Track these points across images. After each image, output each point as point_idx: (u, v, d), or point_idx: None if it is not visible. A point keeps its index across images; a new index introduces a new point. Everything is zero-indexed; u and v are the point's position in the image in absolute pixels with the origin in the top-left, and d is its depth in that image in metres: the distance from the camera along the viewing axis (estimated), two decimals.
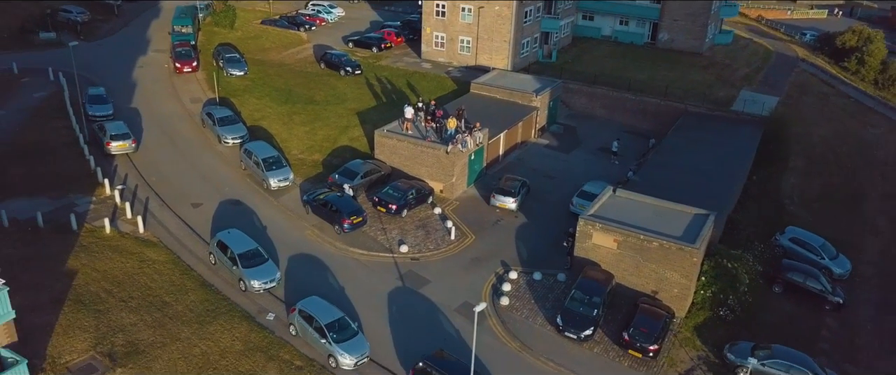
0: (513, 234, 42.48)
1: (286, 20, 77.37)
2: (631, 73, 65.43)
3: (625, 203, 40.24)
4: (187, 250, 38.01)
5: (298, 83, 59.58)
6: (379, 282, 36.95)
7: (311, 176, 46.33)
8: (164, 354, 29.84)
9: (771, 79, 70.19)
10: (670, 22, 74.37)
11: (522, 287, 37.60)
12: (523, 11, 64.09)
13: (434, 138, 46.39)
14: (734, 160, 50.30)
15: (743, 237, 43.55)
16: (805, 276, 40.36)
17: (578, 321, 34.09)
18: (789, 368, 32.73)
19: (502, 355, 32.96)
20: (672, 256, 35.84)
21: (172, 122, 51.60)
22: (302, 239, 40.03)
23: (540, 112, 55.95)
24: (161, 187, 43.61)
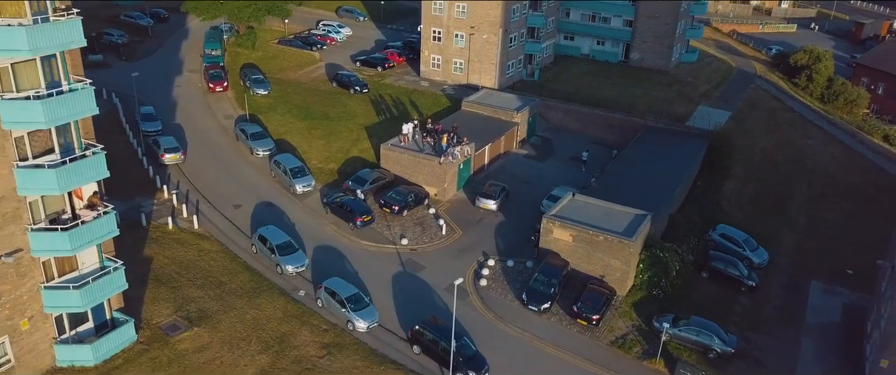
0: (493, 230, 52.86)
1: (300, 40, 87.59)
2: (603, 91, 75.87)
3: (581, 205, 50.63)
4: (233, 242, 48.43)
5: (315, 101, 69.96)
6: (384, 267, 47.36)
7: (328, 182, 56.78)
8: (225, 318, 40.23)
9: (727, 94, 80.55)
10: (641, 43, 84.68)
11: (498, 271, 47.99)
12: (508, 38, 74.43)
13: (430, 151, 56.77)
14: (682, 169, 60.54)
15: (682, 232, 53.92)
16: (726, 264, 50.73)
17: (539, 297, 44.48)
18: (698, 333, 43.08)
19: (480, 323, 43.28)
20: (614, 248, 46.22)
21: (211, 136, 62.02)
22: (323, 234, 50.43)
23: (520, 127, 66.29)
24: (207, 191, 54.03)
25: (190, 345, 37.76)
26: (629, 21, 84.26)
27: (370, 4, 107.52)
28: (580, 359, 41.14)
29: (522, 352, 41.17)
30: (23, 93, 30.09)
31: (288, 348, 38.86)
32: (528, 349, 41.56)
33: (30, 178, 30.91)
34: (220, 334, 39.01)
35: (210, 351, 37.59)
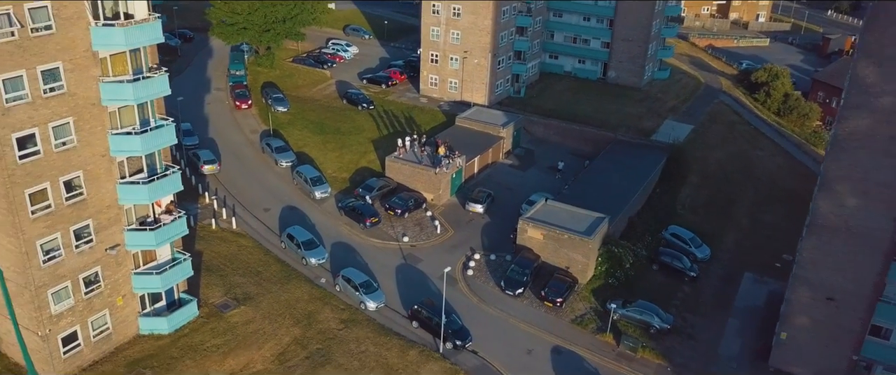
0: (479, 230, 63.87)
1: (313, 59, 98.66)
2: (581, 106, 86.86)
3: (552, 209, 61.65)
4: (265, 239, 59.48)
5: (328, 117, 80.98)
6: (389, 260, 58.39)
7: (341, 189, 67.84)
8: (264, 299, 51.27)
9: (693, 109, 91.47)
10: (617, 62, 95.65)
11: (482, 263, 59.01)
12: (497, 60, 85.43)
13: (427, 162, 67.80)
14: (642, 177, 71.47)
15: (638, 232, 65.00)
16: (672, 258, 61.69)
17: (515, 284, 55.51)
18: (641, 312, 54.08)
19: (467, 305, 54.25)
20: (577, 244, 57.24)
21: (241, 149, 73.08)
22: (338, 233, 61.46)
23: (505, 140, 77.26)
24: (241, 197, 65.09)
25: (239, 319, 48.86)
26: (606, 43, 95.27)
27: (374, 22, 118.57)
28: (546, 333, 52.14)
29: (500, 327, 52.20)
30: (124, 129, 41.10)
31: (314, 322, 49.91)
32: (505, 325, 52.59)
33: (127, 192, 41.97)
34: (261, 311, 50.07)
35: (255, 324, 48.67)
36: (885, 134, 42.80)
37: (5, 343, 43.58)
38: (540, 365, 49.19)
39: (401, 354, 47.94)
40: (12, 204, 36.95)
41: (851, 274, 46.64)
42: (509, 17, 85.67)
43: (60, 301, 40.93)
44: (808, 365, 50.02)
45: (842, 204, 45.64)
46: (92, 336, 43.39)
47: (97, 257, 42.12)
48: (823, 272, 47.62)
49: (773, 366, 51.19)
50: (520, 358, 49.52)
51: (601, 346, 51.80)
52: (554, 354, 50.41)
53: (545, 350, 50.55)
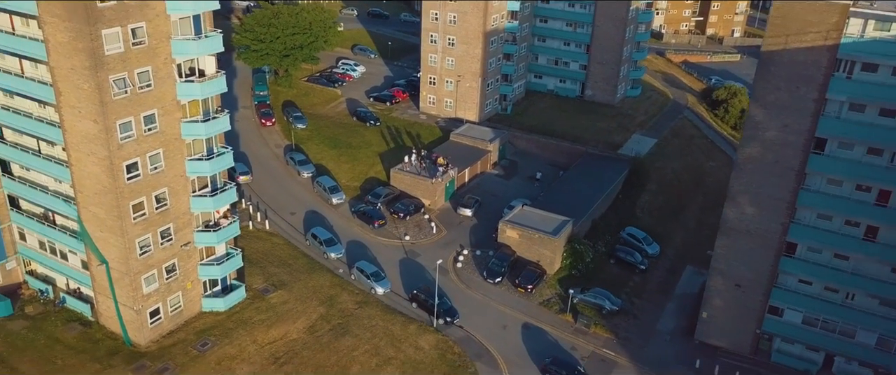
0: (468, 230, 78.10)
1: (325, 78, 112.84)
2: (560, 123, 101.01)
3: (528, 213, 75.89)
4: (293, 237, 73.76)
5: (340, 133, 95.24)
6: (394, 255, 72.64)
7: (354, 196, 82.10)
8: (296, 286, 65.56)
9: (659, 124, 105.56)
10: (593, 82, 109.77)
11: (469, 258, 73.24)
12: (486, 83, 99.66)
13: (425, 173, 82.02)
14: (606, 186, 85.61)
15: (600, 232, 79.21)
16: (626, 254, 75.91)
17: (494, 274, 69.77)
18: (596, 297, 68.27)
19: (457, 291, 68.48)
20: (545, 242, 71.47)
21: (267, 161, 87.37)
22: (352, 232, 75.72)
23: (492, 153, 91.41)
24: (271, 202, 79.38)
25: (277, 300, 63.21)
26: (584, 65, 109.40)
27: (379, 41, 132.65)
28: (518, 313, 66.37)
29: (482, 308, 66.46)
30: (196, 156, 55.33)
31: (335, 303, 64.22)
32: (486, 306, 66.85)
33: (197, 203, 56.25)
34: (293, 294, 64.40)
35: (289, 304, 63.01)
36: (770, 159, 56.96)
37: (104, 317, 57.92)
38: (512, 338, 63.46)
39: (403, 328, 62.25)
40: (120, 213, 51.26)
41: (753, 266, 60.83)
42: (497, 46, 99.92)
43: (149, 284, 55.30)
44: (723, 338, 64.24)
45: (743, 212, 59.82)
46: (169, 312, 57.79)
47: (175, 252, 56.47)
48: (732, 265, 61.81)
49: (697, 339, 65.37)
50: (497, 332, 63.79)
51: (562, 323, 66.03)
52: (524, 329, 64.68)
53: (517, 326, 64.82)
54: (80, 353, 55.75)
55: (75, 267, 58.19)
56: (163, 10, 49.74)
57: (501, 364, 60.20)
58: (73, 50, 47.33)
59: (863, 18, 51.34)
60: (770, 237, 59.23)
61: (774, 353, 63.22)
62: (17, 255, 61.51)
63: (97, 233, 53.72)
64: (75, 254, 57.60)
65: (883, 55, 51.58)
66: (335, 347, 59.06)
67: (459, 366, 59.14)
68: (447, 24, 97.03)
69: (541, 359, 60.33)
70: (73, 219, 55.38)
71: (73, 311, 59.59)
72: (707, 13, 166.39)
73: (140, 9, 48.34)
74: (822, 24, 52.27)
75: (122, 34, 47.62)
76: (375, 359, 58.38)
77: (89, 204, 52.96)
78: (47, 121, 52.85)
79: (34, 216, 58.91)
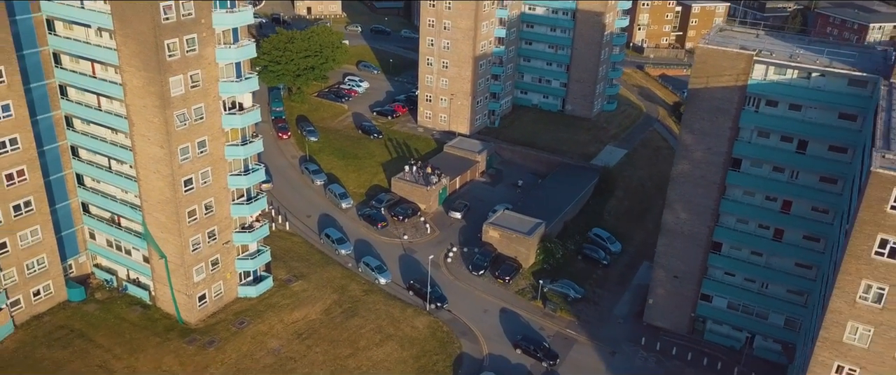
0: (457, 231, 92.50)
1: (333, 94, 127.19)
2: (541, 135, 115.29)
3: (508, 216, 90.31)
4: (309, 237, 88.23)
5: (347, 145, 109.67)
6: (394, 251, 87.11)
7: (360, 201, 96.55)
8: (313, 277, 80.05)
9: (630, 136, 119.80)
10: (572, 98, 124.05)
11: (458, 254, 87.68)
12: (476, 100, 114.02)
13: (422, 181, 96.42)
14: (577, 192, 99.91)
15: (570, 232, 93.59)
16: (592, 251, 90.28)
17: (478, 267, 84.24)
18: (563, 286, 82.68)
19: (447, 282, 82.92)
20: (521, 241, 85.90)
21: (285, 171, 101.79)
22: (359, 233, 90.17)
23: (480, 163, 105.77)
24: (289, 207, 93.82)
25: (298, 288, 77.68)
26: (564, 83, 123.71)
27: (381, 57, 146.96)
28: (497, 300, 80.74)
29: (467, 295, 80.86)
30: (236, 172, 69.74)
31: (345, 291, 78.65)
32: (470, 294, 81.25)
33: (237, 209, 70.71)
34: (311, 284, 78.86)
35: (308, 291, 77.47)
36: (698, 174, 71.24)
37: (160, 301, 72.42)
38: (491, 320, 77.84)
39: (401, 311, 76.68)
40: (179, 218, 65.74)
41: (687, 261, 75.11)
42: (486, 68, 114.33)
43: (199, 274, 69.80)
44: (665, 320, 78.55)
45: (678, 217, 74.11)
46: (213, 296, 72.29)
47: (218, 248, 70.97)
48: (671, 260, 76.10)
49: (645, 321, 79.68)
50: (478, 315, 78.16)
51: (533, 309, 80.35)
52: (501, 313, 79.06)
53: (496, 310, 79.21)
54: (142, 329, 70.29)
55: (137, 260, 72.72)
56: (213, 58, 64.11)
57: (482, 340, 74.61)
58: (146, 92, 61.78)
59: (765, 65, 65.58)
60: (700, 237, 73.50)
61: (707, 333, 77.52)
62: (87, 251, 76.00)
63: (159, 234, 68.25)
64: (137, 250, 72.11)
65: (781, 94, 65.78)
66: (346, 326, 73.51)
67: (447, 342, 73.53)
68: (442, 50, 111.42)
69: (514, 337, 74.71)
70: (137, 222, 69.90)
71: (134, 296, 74.11)
72: (686, 28, 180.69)
73: (197, 59, 62.75)
74: (733, 69, 66.49)
75: (183, 80, 62.04)
76: (379, 336, 72.81)
77: (153, 210, 67.48)
78: (119, 145, 67.31)
79: (103, 219, 73.42)
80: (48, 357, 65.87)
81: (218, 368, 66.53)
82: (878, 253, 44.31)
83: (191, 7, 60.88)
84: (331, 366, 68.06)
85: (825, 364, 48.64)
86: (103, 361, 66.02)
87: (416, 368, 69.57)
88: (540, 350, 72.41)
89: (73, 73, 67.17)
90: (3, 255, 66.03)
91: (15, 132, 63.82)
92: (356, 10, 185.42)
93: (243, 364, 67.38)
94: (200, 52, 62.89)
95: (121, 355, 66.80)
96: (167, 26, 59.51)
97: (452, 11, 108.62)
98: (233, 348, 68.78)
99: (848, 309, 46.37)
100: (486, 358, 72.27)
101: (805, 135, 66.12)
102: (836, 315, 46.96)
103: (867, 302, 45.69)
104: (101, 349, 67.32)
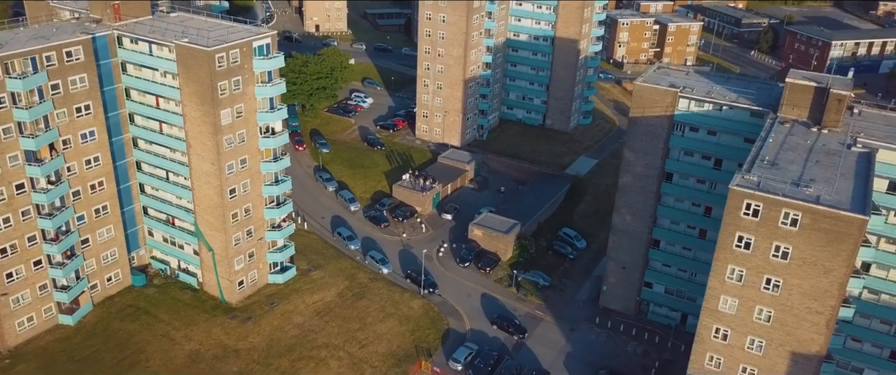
0: (448, 230, 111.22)
1: (341, 109, 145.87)
2: (523, 147, 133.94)
3: (491, 217, 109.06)
4: (324, 235, 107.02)
5: (355, 155, 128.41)
6: (395, 247, 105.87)
7: (366, 205, 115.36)
8: (328, 267, 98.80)
9: (602, 148, 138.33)
10: (552, 114, 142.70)
11: (448, 249, 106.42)
12: (466, 117, 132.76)
13: (419, 187, 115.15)
14: (550, 197, 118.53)
15: (543, 231, 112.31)
16: (561, 247, 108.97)
17: (464, 260, 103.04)
18: (534, 276, 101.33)
19: (438, 272, 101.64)
20: (500, 238, 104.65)
21: (302, 179, 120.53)
22: (365, 231, 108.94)
23: (469, 171, 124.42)
24: (306, 209, 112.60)
25: (316, 277, 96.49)
26: (545, 101, 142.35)
27: (384, 74, 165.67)
28: (479, 287, 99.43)
29: (454, 283, 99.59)
30: (269, 183, 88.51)
31: (355, 279, 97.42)
32: (457, 282, 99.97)
33: (269, 212, 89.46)
34: (327, 273, 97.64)
35: (325, 279, 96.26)
36: (639, 185, 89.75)
37: (206, 285, 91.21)
38: (473, 302, 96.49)
39: (400, 295, 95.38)
40: (225, 219, 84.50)
41: (632, 255, 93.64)
42: (475, 89, 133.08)
43: (239, 264, 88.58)
44: (617, 303, 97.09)
45: (625, 219, 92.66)
46: (249, 282, 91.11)
47: (253, 244, 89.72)
48: (620, 253, 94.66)
49: (601, 305, 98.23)
50: (464, 299, 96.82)
51: (509, 294, 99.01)
52: (482, 297, 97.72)
53: (477, 295, 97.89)
54: (194, 308, 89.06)
55: (188, 253, 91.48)
56: (253, 95, 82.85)
57: (465, 318, 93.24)
58: (202, 122, 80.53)
59: (687, 99, 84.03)
60: (642, 236, 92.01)
61: (650, 313, 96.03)
62: (146, 246, 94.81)
63: (208, 232, 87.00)
64: (188, 245, 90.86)
65: (700, 122, 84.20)
66: (355, 306, 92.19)
67: (437, 320, 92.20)
68: (437, 73, 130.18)
69: (491, 316, 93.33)
70: (188, 222, 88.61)
71: (185, 282, 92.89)
72: (663, 44, 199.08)
73: (241, 96, 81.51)
74: (663, 102, 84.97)
75: (231, 112, 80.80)
76: (382, 314, 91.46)
77: (204, 213, 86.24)
78: (177, 161, 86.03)
79: (159, 220, 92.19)
80: (122, 329, 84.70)
81: (255, 338, 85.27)
82: (737, 246, 62.79)
83: (237, 55, 79.61)
84: (344, 337, 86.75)
85: (708, 327, 67.11)
86: (166, 332, 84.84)
87: (411, 340, 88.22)
88: (512, 326, 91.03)
89: (140, 105, 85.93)
90: (86, 248, 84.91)
91: (97, 151, 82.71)
92: (361, 28, 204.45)
93: (275, 335, 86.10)
94: (243, 90, 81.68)
95: (179, 327, 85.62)
96: (220, 71, 78.27)
97: (445, 41, 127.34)
98: (266, 322, 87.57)
99: (720, 286, 64.83)
100: (468, 333, 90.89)
101: (720, 155, 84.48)
102: (713, 291, 65.47)
103: (733, 281, 64.17)
104: (162, 322, 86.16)
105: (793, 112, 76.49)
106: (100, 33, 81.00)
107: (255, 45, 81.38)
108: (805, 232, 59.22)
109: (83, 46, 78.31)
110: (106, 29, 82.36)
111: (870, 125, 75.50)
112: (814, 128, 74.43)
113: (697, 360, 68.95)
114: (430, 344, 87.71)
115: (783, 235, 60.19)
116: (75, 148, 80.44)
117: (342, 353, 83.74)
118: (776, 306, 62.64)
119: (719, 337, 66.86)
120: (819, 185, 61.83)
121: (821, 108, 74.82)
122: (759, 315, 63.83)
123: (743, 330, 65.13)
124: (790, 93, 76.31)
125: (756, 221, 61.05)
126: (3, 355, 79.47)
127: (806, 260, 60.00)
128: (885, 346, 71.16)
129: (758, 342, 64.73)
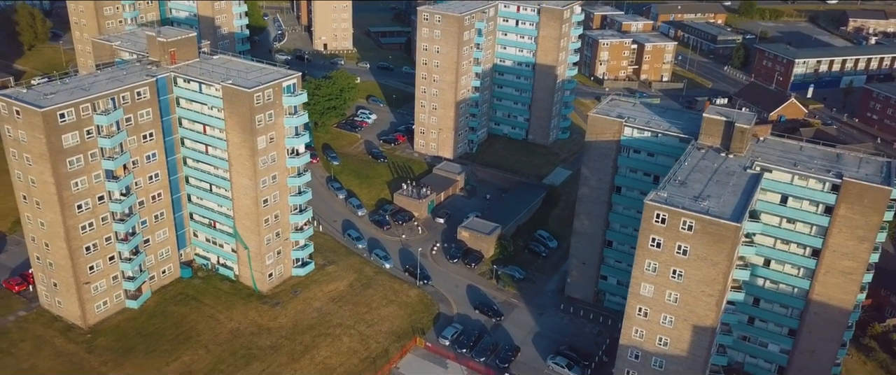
0: (441, 232, 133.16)
1: (349, 124, 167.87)
2: (508, 159, 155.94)
3: (476, 221, 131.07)
4: (336, 236, 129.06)
5: (361, 167, 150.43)
6: (395, 246, 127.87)
7: (371, 210, 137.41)
8: (340, 263, 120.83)
9: (577, 159, 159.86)
10: (533, 129, 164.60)
11: (440, 248, 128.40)
12: (458, 133, 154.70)
13: (416, 196, 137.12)
14: (528, 203, 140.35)
15: (521, 233, 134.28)
16: (535, 246, 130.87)
17: (453, 257, 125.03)
18: (512, 270, 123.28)
19: (431, 266, 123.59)
20: (484, 239, 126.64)
21: (316, 188, 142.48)
22: (370, 233, 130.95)
23: (460, 181, 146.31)
24: (321, 215, 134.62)
25: (331, 270, 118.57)
26: (527, 118, 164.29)
27: (386, 92, 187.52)
28: (465, 279, 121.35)
29: (444, 276, 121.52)
30: (294, 194, 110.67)
31: (362, 272, 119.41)
32: (447, 275, 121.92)
33: (293, 217, 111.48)
34: (339, 267, 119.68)
35: (337, 273, 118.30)
36: (594, 196, 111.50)
37: (242, 277, 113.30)
38: (461, 292, 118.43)
39: (400, 285, 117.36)
40: (259, 223, 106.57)
41: (591, 253, 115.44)
42: (465, 109, 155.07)
43: (269, 260, 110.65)
44: (579, 293, 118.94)
45: (583, 223, 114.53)
46: (277, 275, 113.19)
47: (281, 242, 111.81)
48: (581, 252, 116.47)
49: (566, 294, 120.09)
50: (452, 289, 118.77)
51: (490, 285, 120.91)
52: (468, 287, 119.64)
53: (464, 286, 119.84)
54: (232, 295, 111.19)
55: (227, 251, 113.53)
56: (282, 124, 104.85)
57: (453, 304, 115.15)
58: (242, 146, 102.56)
59: (631, 128, 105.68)
60: (597, 237, 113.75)
61: (606, 301, 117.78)
62: (192, 245, 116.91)
63: (244, 233, 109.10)
64: (227, 244, 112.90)
65: (641, 146, 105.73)
66: (363, 294, 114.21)
67: (430, 305, 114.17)
68: (432, 96, 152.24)
69: (474, 302, 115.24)
70: (228, 226, 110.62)
71: (224, 275, 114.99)
72: (641, 62, 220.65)
73: (273, 125, 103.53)
74: (612, 129, 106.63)
75: (266, 138, 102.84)
76: (385, 301, 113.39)
77: (241, 218, 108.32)
78: (220, 176, 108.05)
79: (203, 224, 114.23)
80: (176, 311, 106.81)
81: (283, 319, 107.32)
82: (652, 245, 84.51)
83: (271, 94, 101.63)
84: (354, 319, 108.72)
85: (633, 307, 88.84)
86: (211, 314, 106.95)
87: (409, 321, 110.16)
88: (491, 310, 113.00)
89: (190, 131, 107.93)
90: (147, 247, 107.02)
91: (158, 169, 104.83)
92: (365, 46, 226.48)
93: (298, 317, 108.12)
94: (275, 121, 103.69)
95: (221, 310, 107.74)
96: (257, 107, 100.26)
97: (439, 68, 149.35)
98: (291, 307, 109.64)
99: (641, 275, 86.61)
100: (455, 316, 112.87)
101: (657, 172, 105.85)
102: (635, 280, 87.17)
103: (649, 272, 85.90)
104: (208, 306, 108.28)
105: (709, 140, 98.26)
106: (161, 75, 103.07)
107: (284, 85, 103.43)
108: (698, 235, 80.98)
109: (149, 87, 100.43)
110: (165, 71, 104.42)
111: (769, 151, 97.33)
112: (723, 153, 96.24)
113: (626, 333, 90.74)
114: (424, 325, 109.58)
115: (683, 237, 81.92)
116: (141, 166, 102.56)
117: (353, 331, 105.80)
118: (681, 290, 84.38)
119: (642, 315, 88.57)
120: (712, 200, 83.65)
121: (729, 137, 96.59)
122: (669, 297, 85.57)
123: (658, 309, 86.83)
124: (706, 125, 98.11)
125: (664, 227, 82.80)
126: (86, 330, 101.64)
127: (699, 256, 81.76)
128: (771, 321, 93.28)
129: (669, 317, 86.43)
